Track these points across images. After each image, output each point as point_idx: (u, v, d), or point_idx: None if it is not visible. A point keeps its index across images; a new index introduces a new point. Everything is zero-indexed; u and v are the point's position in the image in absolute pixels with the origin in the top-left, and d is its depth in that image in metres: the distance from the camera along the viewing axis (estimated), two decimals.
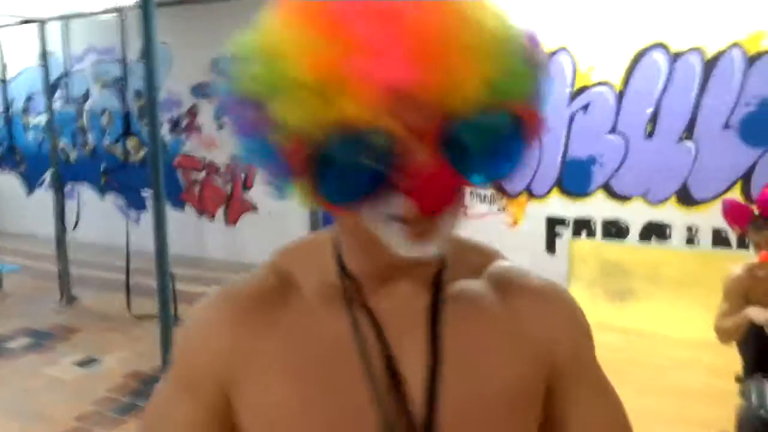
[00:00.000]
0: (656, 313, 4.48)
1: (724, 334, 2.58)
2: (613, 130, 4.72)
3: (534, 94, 0.59)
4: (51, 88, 5.66)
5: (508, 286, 0.73)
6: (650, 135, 4.60)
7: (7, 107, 6.64)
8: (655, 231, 4.66)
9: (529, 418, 0.70)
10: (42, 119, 7.81)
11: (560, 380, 0.73)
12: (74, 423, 3.31)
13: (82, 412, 3.42)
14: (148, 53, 3.13)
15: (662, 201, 4.61)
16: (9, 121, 7.09)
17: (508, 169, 0.61)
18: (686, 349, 3.99)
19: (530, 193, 5.09)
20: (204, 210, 6.91)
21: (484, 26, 0.55)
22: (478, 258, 0.76)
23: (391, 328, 0.67)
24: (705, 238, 4.48)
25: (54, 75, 5.76)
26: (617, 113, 4.69)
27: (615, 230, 4.80)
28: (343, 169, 0.55)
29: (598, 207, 4.85)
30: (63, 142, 7.27)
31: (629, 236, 4.75)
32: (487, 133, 0.56)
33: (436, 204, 0.57)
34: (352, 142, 0.53)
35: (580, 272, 4.83)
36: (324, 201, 0.59)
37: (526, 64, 0.58)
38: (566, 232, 4.99)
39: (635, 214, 4.71)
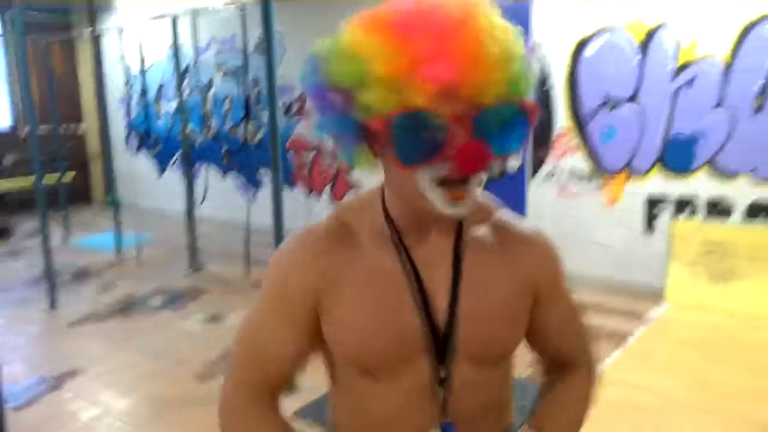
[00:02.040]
0: (759, 295, 4.38)
1: None
2: (718, 105, 4.61)
3: (531, 90, 0.87)
4: (181, 77, 6.31)
5: (506, 232, 1.03)
6: (758, 110, 4.46)
7: (145, 95, 7.41)
8: (761, 210, 4.53)
9: (520, 325, 1.02)
10: (172, 106, 8.63)
11: (542, 298, 1.04)
12: (205, 368, 3.82)
13: (211, 358, 3.93)
14: (268, 44, 3.50)
15: None
16: (147, 107, 7.90)
17: (518, 144, 0.87)
18: None
19: (630, 171, 5.07)
20: (312, 188, 7.40)
21: (506, 42, 0.82)
22: (485, 211, 1.05)
23: (425, 263, 0.96)
24: None
25: (182, 66, 6.39)
26: (723, 87, 4.58)
27: (719, 209, 4.70)
28: (409, 139, 0.81)
29: (701, 185, 4.76)
30: (190, 127, 8.01)
31: (734, 215, 4.64)
32: (504, 118, 0.83)
33: (471, 166, 0.82)
34: (414, 121, 0.80)
35: (681, 253, 4.78)
36: (395, 161, 0.84)
37: (529, 70, 0.86)
38: (666, 211, 4.94)
39: (741, 192, 4.59)
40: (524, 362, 1.23)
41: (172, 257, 6.48)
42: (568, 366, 1.11)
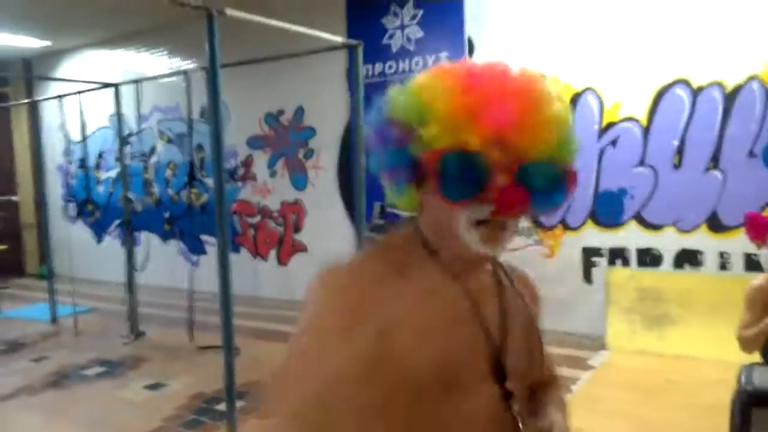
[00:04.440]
0: (692, 338, 4.59)
1: (745, 344, 2.62)
2: (641, 163, 4.95)
3: (575, 157, 0.95)
4: (122, 145, 6.29)
5: (513, 273, 1.12)
6: (677, 166, 4.81)
7: (85, 163, 7.34)
8: (687, 258, 4.81)
9: (538, 357, 1.10)
10: (113, 173, 8.52)
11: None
12: None
13: (153, 428, 3.78)
14: (215, 108, 3.56)
15: (693, 229, 4.78)
16: (87, 175, 7.79)
17: (553, 205, 0.94)
18: (719, 369, 4.09)
19: (565, 225, 5.32)
20: (258, 252, 7.36)
21: (558, 107, 0.91)
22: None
23: (478, 296, 1.00)
24: (737, 262, 4.61)
25: (124, 133, 6.39)
26: (645, 146, 4.93)
27: (649, 258, 4.96)
28: (457, 175, 0.86)
29: (631, 236, 5.03)
30: (131, 194, 7.91)
31: (663, 264, 4.91)
32: (546, 176, 0.90)
33: (510, 208, 0.88)
34: (465, 159, 0.86)
35: (618, 300, 4.99)
36: (441, 196, 0.89)
37: (575, 140, 0.95)
38: (602, 262, 5.17)
39: (668, 242, 4.88)
40: None
41: (111, 326, 6.26)
42: (545, 385, 1.18)
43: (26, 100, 7.24)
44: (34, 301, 7.71)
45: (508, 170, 0.86)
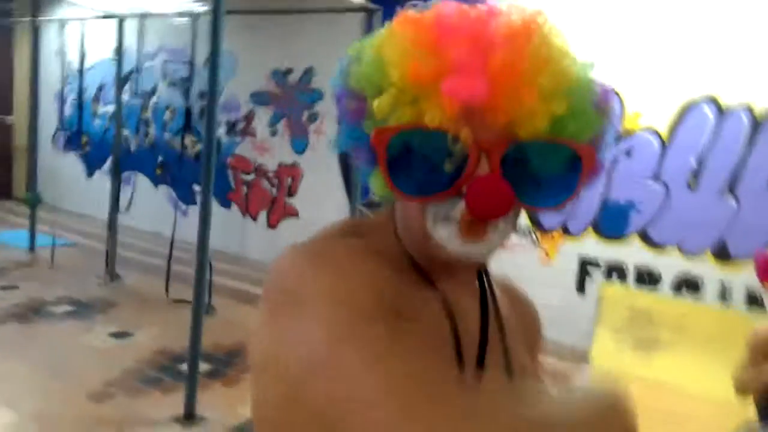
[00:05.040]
0: (681, 367, 4.43)
1: (741, 386, 2.53)
2: (655, 178, 4.75)
3: (597, 137, 0.68)
4: (122, 81, 6.04)
5: (506, 288, 0.92)
6: (692, 186, 4.61)
7: (80, 94, 7.08)
8: (687, 283, 4.64)
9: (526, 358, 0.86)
10: (110, 109, 8.27)
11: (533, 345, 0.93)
12: (102, 387, 3.51)
13: (110, 378, 3.62)
14: (214, 55, 3.37)
15: (698, 254, 4.60)
16: (80, 107, 7.53)
17: (558, 200, 0.69)
18: (708, 405, 3.95)
19: (566, 231, 5.13)
20: (248, 211, 7.16)
21: (561, 70, 0.65)
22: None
23: (457, 307, 0.75)
24: (738, 295, 4.44)
25: (126, 69, 6.14)
26: (661, 161, 4.72)
27: (647, 278, 4.79)
28: (417, 164, 0.65)
29: (632, 252, 4.86)
30: (126, 132, 7.67)
31: (661, 285, 4.74)
32: (544, 161, 0.65)
33: (487, 210, 0.63)
34: (428, 141, 0.64)
35: (609, 317, 4.83)
36: (397, 190, 0.66)
37: (592, 109, 0.67)
38: (598, 274, 5.00)
39: (669, 263, 4.70)
40: None
41: (89, 264, 6.08)
42: None
43: (27, 18, 6.92)
44: (16, 227, 7.51)
45: (491, 154, 0.64)
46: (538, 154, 0.65)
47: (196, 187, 7.29)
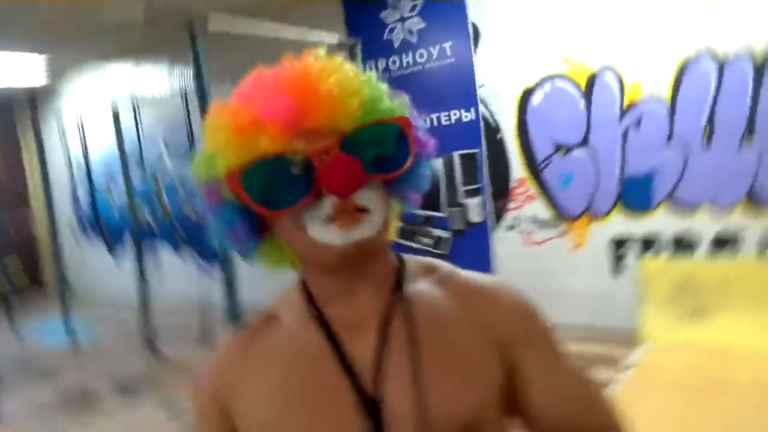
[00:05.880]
0: (735, 328, 4.26)
1: None
2: (669, 143, 4.63)
3: (402, 110, 0.85)
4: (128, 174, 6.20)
5: (458, 285, 0.89)
6: (708, 144, 4.48)
7: (91, 183, 7.21)
8: (725, 242, 4.49)
9: (483, 387, 0.83)
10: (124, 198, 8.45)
11: (518, 362, 0.86)
12: None
13: None
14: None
15: (729, 210, 4.45)
16: (93, 195, 7.70)
17: (400, 164, 0.82)
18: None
19: (592, 214, 5.02)
20: None
21: (343, 74, 0.81)
22: (428, 266, 0.92)
23: (352, 329, 0.83)
24: None
25: (127, 159, 6.32)
26: (671, 125, 4.61)
27: (684, 244, 4.65)
28: (274, 184, 0.76)
29: (663, 221, 4.72)
30: (143, 209, 7.81)
31: (699, 249, 4.58)
32: (373, 140, 0.79)
33: (343, 182, 0.75)
34: (275, 163, 0.76)
35: (653, 292, 4.68)
36: (265, 209, 0.78)
37: (384, 92, 0.84)
38: (632, 252, 4.87)
39: (703, 225, 4.56)
40: None
41: (126, 345, 6.11)
42: None
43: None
44: (48, 315, 7.63)
45: (330, 152, 0.76)
46: (365, 137, 0.78)
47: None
